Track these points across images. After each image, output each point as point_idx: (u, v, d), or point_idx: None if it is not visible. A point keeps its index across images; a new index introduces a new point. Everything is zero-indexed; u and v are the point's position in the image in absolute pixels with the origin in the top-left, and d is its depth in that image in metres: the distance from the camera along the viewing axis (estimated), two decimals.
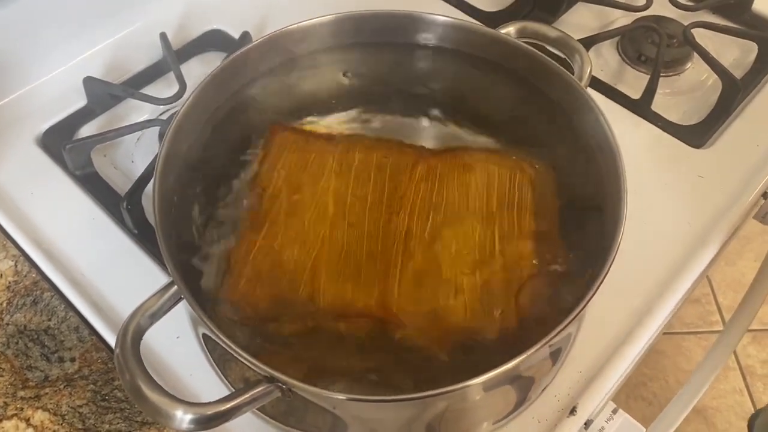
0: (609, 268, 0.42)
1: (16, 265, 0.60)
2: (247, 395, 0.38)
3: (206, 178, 0.50)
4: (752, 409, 1.47)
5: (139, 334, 0.40)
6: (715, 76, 0.74)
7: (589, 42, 0.75)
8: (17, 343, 0.56)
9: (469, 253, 0.46)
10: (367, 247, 0.47)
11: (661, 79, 0.73)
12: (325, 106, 0.55)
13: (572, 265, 0.47)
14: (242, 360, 0.38)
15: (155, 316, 0.41)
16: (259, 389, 0.38)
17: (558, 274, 0.47)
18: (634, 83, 0.75)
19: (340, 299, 0.45)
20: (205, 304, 0.44)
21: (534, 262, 0.47)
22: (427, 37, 0.55)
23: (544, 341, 0.39)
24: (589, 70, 0.52)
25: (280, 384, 0.38)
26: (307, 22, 0.54)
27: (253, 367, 0.38)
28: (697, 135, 0.70)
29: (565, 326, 0.40)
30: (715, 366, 0.76)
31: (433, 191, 0.49)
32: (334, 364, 0.43)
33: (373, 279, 0.45)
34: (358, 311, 0.44)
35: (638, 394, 1.48)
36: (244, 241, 0.47)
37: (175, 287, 0.41)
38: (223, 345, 0.38)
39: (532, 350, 0.39)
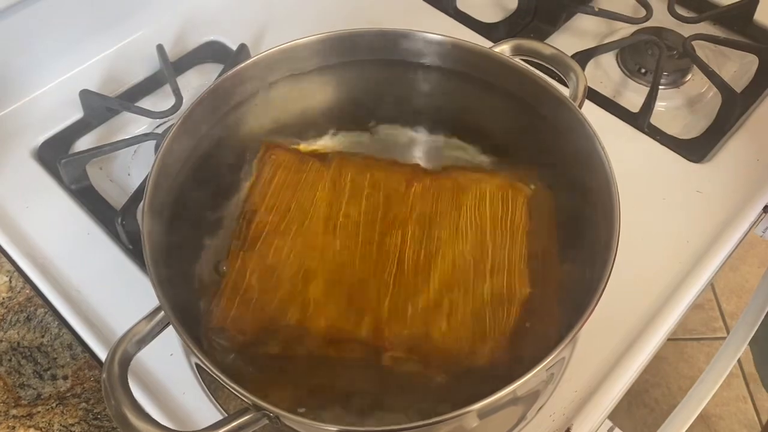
0: (602, 292, 0.41)
1: (10, 281, 0.60)
2: (234, 423, 0.38)
3: (198, 198, 0.49)
4: (755, 416, 1.47)
5: (127, 360, 0.40)
6: (715, 89, 0.73)
7: (587, 55, 0.75)
8: (10, 360, 0.56)
9: (463, 277, 0.46)
10: (358, 269, 0.46)
11: (660, 91, 0.72)
12: (318, 124, 0.54)
13: (567, 286, 0.46)
14: (230, 389, 0.38)
15: (143, 341, 0.41)
16: (247, 417, 0.38)
17: (552, 296, 0.46)
18: (633, 96, 0.75)
19: (330, 324, 0.44)
20: (194, 328, 0.44)
21: (528, 284, 0.46)
22: (422, 55, 0.55)
23: (539, 367, 0.38)
24: (584, 89, 0.52)
25: (268, 412, 0.38)
26: (300, 41, 0.53)
27: (240, 396, 0.38)
28: (696, 149, 0.69)
29: (561, 350, 0.40)
30: (719, 375, 0.75)
31: (427, 212, 0.49)
32: (326, 389, 0.43)
33: (365, 303, 0.45)
34: (349, 336, 0.44)
35: (640, 401, 1.48)
36: (234, 263, 0.47)
37: (163, 312, 0.40)
38: (211, 373, 0.38)
39: (527, 376, 0.38)
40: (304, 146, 0.53)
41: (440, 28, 0.55)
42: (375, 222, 0.49)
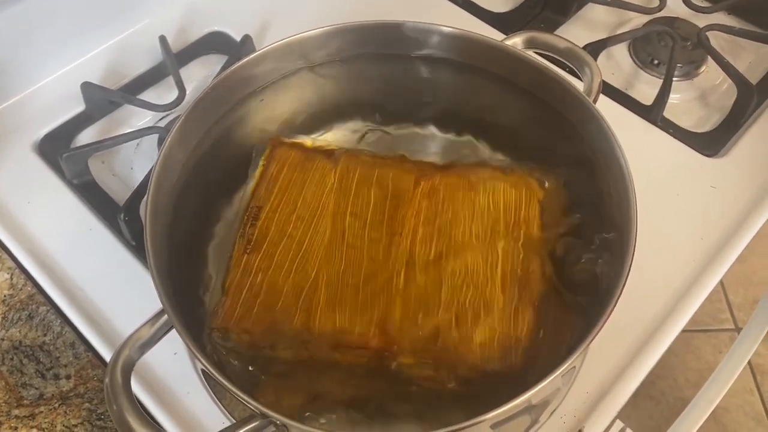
0: (617, 301, 0.40)
1: (11, 278, 0.59)
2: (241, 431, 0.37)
3: (202, 197, 0.48)
4: (762, 408, 1.46)
5: (130, 366, 0.39)
6: (730, 81, 0.72)
7: (599, 46, 0.73)
8: (12, 359, 0.55)
9: (473, 279, 0.45)
10: (366, 270, 0.45)
11: (673, 83, 0.70)
12: (325, 119, 0.53)
13: (581, 288, 0.45)
14: (238, 398, 0.37)
15: (147, 346, 0.40)
16: (254, 425, 0.37)
17: (565, 299, 0.45)
18: (645, 88, 0.73)
19: (337, 327, 0.43)
20: (197, 329, 0.43)
21: (541, 286, 0.45)
22: (433, 48, 0.53)
23: (556, 373, 0.37)
24: (598, 85, 0.50)
25: (275, 420, 0.37)
26: (308, 33, 0.52)
27: (246, 403, 0.37)
28: (710, 143, 0.68)
29: (575, 358, 0.38)
30: (732, 372, 0.74)
31: (437, 211, 0.47)
32: (332, 394, 0.42)
33: (373, 305, 0.44)
34: (356, 340, 0.43)
35: (646, 393, 1.47)
36: (239, 263, 0.45)
37: (166, 316, 0.39)
38: (216, 380, 0.37)
39: (543, 384, 0.37)
40: (311, 142, 0.52)
41: (448, 18, 0.54)
42: (383, 221, 0.47)
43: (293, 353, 0.43)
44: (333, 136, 0.52)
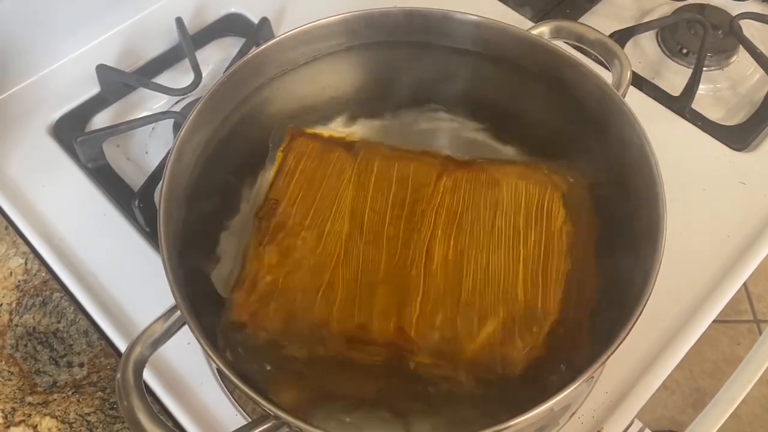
0: (643, 308, 0.39)
1: (26, 263, 0.59)
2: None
3: (217, 187, 0.47)
4: None
5: (142, 362, 0.38)
6: (762, 71, 0.69)
7: (627, 34, 0.71)
8: (26, 345, 0.55)
9: (495, 277, 0.43)
10: (384, 266, 0.44)
11: (702, 73, 0.68)
12: (345, 109, 0.51)
13: (605, 292, 0.44)
14: (253, 400, 0.36)
15: (159, 342, 0.40)
16: (267, 425, 0.36)
17: (589, 302, 0.44)
18: (673, 77, 0.71)
19: (354, 324, 0.42)
20: (212, 325, 0.42)
21: (564, 287, 0.44)
22: (454, 37, 0.51)
23: (576, 383, 0.36)
24: (628, 77, 0.48)
25: (288, 422, 0.36)
26: (326, 20, 0.50)
27: (261, 406, 0.36)
28: (739, 137, 0.66)
29: (600, 364, 0.37)
30: (755, 372, 0.72)
31: (458, 208, 0.46)
32: (348, 394, 0.41)
33: (391, 303, 0.43)
34: (374, 338, 0.42)
35: (661, 383, 1.46)
36: (256, 257, 0.44)
37: (180, 312, 0.38)
38: (231, 382, 0.36)
39: (563, 394, 0.36)
40: (329, 132, 0.50)
41: (470, 4, 0.52)
42: (402, 216, 0.46)
43: (309, 350, 0.42)
44: (352, 126, 0.51)
